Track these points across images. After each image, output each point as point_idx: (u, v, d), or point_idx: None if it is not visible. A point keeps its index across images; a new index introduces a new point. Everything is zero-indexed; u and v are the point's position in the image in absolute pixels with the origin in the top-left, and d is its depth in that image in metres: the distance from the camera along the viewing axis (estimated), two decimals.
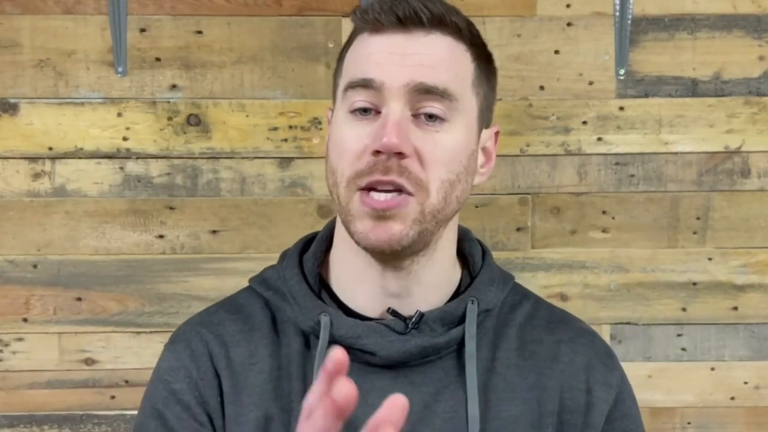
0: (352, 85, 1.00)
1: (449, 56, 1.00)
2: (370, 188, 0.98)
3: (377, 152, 0.96)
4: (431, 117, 0.99)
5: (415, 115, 0.99)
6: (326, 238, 1.11)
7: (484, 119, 1.07)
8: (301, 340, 1.06)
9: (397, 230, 0.98)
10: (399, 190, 0.97)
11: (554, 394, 1.06)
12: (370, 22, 1.01)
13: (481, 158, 1.07)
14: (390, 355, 1.02)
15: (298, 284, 1.07)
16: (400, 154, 0.96)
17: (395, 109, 0.97)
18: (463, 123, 1.01)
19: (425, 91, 0.98)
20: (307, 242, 1.13)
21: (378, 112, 0.99)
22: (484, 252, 1.13)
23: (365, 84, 0.99)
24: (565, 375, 1.07)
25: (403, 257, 1.02)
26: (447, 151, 0.99)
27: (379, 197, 0.97)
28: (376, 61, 0.99)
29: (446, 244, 1.07)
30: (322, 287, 1.08)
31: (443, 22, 1.00)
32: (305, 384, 1.03)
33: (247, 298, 1.11)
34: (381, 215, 0.97)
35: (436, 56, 0.99)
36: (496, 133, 1.10)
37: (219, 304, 1.13)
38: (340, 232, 1.06)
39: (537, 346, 1.08)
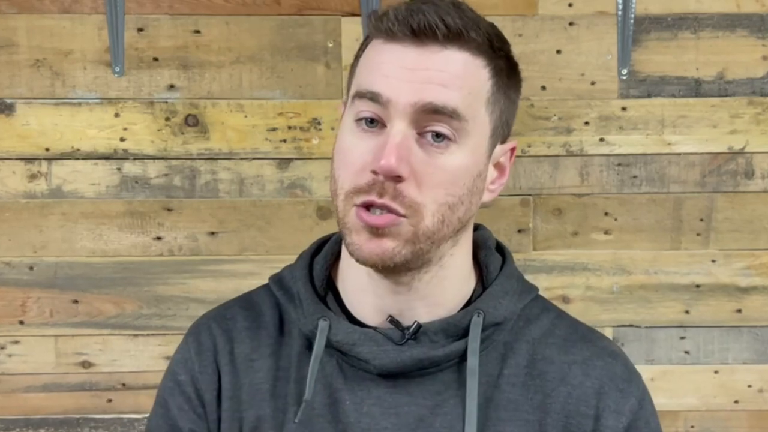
0: (360, 95, 0.97)
1: (463, 73, 0.96)
2: (365, 205, 0.96)
3: (375, 172, 0.94)
4: (438, 136, 0.95)
5: (421, 134, 0.95)
6: (339, 241, 1.09)
7: (499, 135, 1.02)
8: (304, 343, 1.05)
9: (389, 247, 0.96)
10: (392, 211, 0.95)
11: (558, 418, 1.01)
12: (383, 30, 0.97)
13: (493, 173, 1.04)
14: (384, 364, 1.00)
15: (304, 286, 1.06)
16: (398, 177, 0.94)
17: (398, 129, 0.94)
18: (471, 144, 0.97)
19: (433, 111, 0.94)
20: (321, 243, 1.12)
21: (384, 125, 0.96)
22: (504, 262, 1.09)
23: (372, 97, 0.95)
24: (572, 398, 1.02)
25: (399, 273, 1.00)
26: (449, 174, 0.96)
27: (374, 212, 0.95)
28: (385, 73, 0.95)
29: (455, 260, 1.04)
30: (330, 291, 1.07)
31: (461, 38, 0.96)
32: (300, 387, 1.01)
33: (261, 296, 1.11)
34: (375, 231, 0.96)
35: (448, 73, 0.95)
36: (512, 149, 1.06)
37: (237, 298, 1.13)
38: None
39: (547, 366, 1.03)
